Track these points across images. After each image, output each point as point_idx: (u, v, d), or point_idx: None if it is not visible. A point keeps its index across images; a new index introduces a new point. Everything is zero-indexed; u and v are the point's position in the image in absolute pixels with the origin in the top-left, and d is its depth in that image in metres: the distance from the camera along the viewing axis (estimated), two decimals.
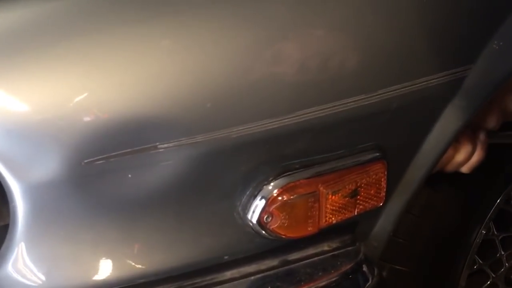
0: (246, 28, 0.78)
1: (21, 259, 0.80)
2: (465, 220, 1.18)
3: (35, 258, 0.81)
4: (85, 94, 0.72)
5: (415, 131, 0.95)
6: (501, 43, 0.93)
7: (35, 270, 0.81)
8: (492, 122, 1.02)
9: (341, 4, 0.82)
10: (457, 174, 1.10)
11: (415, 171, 0.97)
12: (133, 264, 0.85)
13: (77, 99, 0.72)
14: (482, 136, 1.02)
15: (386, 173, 0.92)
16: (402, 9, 0.86)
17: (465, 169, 1.05)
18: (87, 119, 0.73)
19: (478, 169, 1.14)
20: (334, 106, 0.84)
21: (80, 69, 0.73)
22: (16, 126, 0.72)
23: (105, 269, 0.83)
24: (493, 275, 1.33)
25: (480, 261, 1.30)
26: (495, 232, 1.30)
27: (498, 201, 1.20)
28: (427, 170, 0.97)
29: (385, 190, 0.93)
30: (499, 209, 1.22)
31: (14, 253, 0.80)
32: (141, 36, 0.75)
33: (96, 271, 0.83)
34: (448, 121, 0.95)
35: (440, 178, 1.07)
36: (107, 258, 0.83)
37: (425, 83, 0.89)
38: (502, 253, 1.32)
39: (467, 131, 1.05)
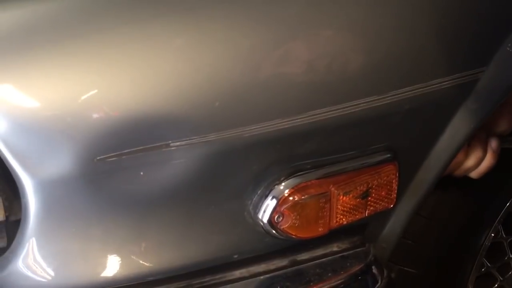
0: (258, 28, 0.78)
1: (32, 254, 0.81)
2: (474, 223, 1.18)
3: (45, 254, 0.81)
4: (98, 92, 0.73)
5: (427, 133, 0.95)
6: None
7: (45, 265, 0.81)
8: (504, 125, 1.01)
9: (352, 4, 0.82)
10: (466, 177, 1.10)
11: (426, 173, 0.97)
12: (142, 261, 0.85)
13: (90, 96, 0.73)
14: (494, 143, 1.01)
15: (397, 174, 0.91)
16: (414, 11, 0.86)
17: (474, 174, 1.04)
18: (99, 116, 0.73)
19: (488, 173, 1.14)
20: (346, 106, 0.84)
21: (93, 66, 0.73)
22: (29, 122, 0.72)
23: (114, 266, 0.83)
24: (501, 278, 1.32)
25: (488, 264, 1.30)
26: (504, 235, 1.29)
27: (507, 204, 1.19)
28: (438, 172, 0.97)
29: (396, 192, 0.93)
30: (508, 212, 1.22)
31: (25, 249, 0.80)
32: (152, 35, 0.75)
33: (105, 268, 0.84)
34: (460, 123, 0.94)
35: (449, 181, 1.07)
36: (116, 255, 0.83)
37: (437, 85, 0.89)
38: (511, 256, 1.32)
39: (480, 136, 1.04)
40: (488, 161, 1.01)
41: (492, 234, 1.21)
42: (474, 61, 0.92)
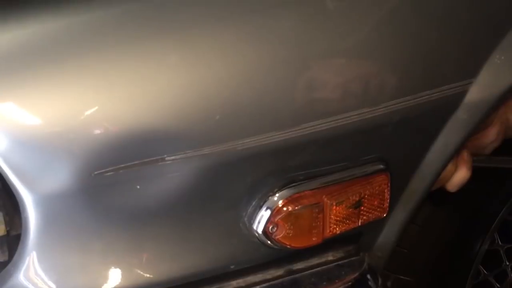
0: (250, 44, 0.80)
1: (33, 268, 0.82)
2: (469, 231, 1.19)
3: (46, 267, 0.83)
4: (95, 108, 0.75)
5: (418, 143, 0.96)
6: (502, 57, 0.95)
7: (45, 278, 0.83)
8: (492, 136, 1.02)
9: (342, 20, 0.84)
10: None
11: (418, 183, 0.99)
12: (141, 273, 0.86)
13: (87, 112, 0.74)
14: (465, 155, 1.02)
15: (389, 184, 0.93)
16: (403, 25, 0.87)
17: (450, 187, 1.04)
18: (97, 131, 0.75)
19: (482, 179, 1.16)
20: (338, 119, 0.85)
21: (90, 84, 0.75)
22: (28, 138, 0.74)
23: (113, 278, 0.85)
24: (498, 286, 1.34)
25: (485, 272, 1.31)
26: (500, 243, 1.31)
27: (501, 212, 1.21)
28: (430, 181, 0.99)
29: (388, 201, 0.94)
30: (503, 220, 1.23)
31: (26, 262, 0.82)
32: (149, 52, 0.77)
33: (105, 280, 0.85)
34: (451, 134, 0.96)
35: (443, 190, 1.08)
36: (115, 267, 0.85)
37: (427, 96, 0.90)
38: (507, 263, 1.33)
39: None
40: (461, 172, 1.01)
41: (488, 242, 1.22)
42: (463, 73, 0.94)
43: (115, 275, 0.85)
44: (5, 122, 0.74)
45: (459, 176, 1.01)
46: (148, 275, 0.87)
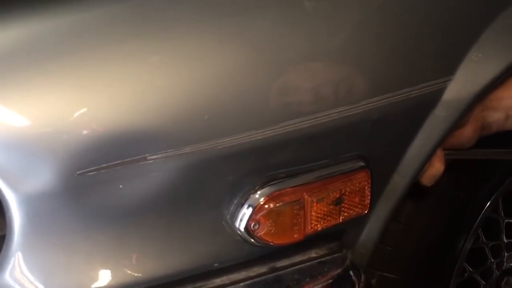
0: (230, 44, 0.82)
1: (18, 268, 0.83)
2: (452, 228, 1.20)
3: (31, 267, 0.84)
4: (77, 109, 0.76)
5: (398, 140, 0.98)
6: (480, 55, 0.96)
7: (32, 278, 0.84)
8: (468, 134, 1.04)
9: (322, 20, 0.86)
10: (443, 182, 1.12)
11: (399, 180, 1.00)
12: (126, 272, 0.87)
13: (69, 113, 0.76)
14: (437, 150, 1.03)
15: (369, 181, 0.94)
16: (381, 24, 0.89)
17: (425, 181, 1.05)
18: (79, 132, 0.76)
19: (465, 176, 1.17)
20: (318, 117, 0.87)
21: (72, 84, 0.76)
22: (12, 139, 0.76)
23: (98, 277, 0.86)
24: (484, 283, 1.35)
25: (470, 269, 1.32)
26: (484, 240, 1.32)
27: (484, 209, 1.22)
28: (411, 178, 1.00)
29: (369, 198, 0.95)
30: (486, 217, 1.24)
31: (11, 262, 0.83)
32: (130, 52, 0.78)
33: (90, 279, 0.86)
34: (430, 131, 0.97)
35: (426, 186, 1.09)
36: (100, 266, 0.86)
37: (405, 94, 0.92)
38: (492, 261, 1.34)
39: None
40: (434, 166, 1.03)
41: (472, 239, 1.24)
42: (441, 71, 0.95)
43: (99, 274, 0.86)
44: None
45: (434, 170, 1.03)
46: (132, 274, 0.88)
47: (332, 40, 0.86)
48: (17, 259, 0.83)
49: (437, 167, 1.02)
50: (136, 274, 0.88)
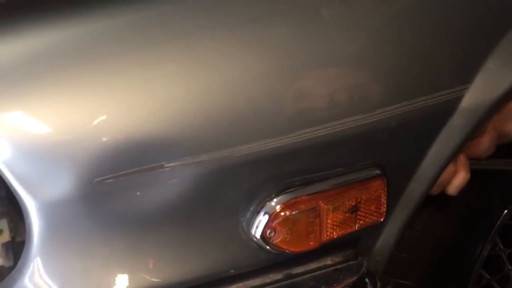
0: (247, 52, 0.82)
1: (37, 273, 0.84)
2: (469, 235, 1.20)
3: (50, 273, 0.84)
4: (97, 116, 0.77)
5: (414, 149, 0.98)
6: (497, 63, 0.96)
7: (50, 283, 0.85)
8: (487, 143, 1.04)
9: (338, 28, 0.86)
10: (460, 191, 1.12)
11: (416, 187, 1.00)
12: (142, 278, 0.88)
13: (88, 121, 0.77)
14: (462, 158, 1.03)
15: (386, 189, 0.94)
16: (398, 32, 0.89)
17: (450, 190, 1.05)
18: (97, 139, 0.77)
19: (480, 184, 1.17)
20: (334, 125, 0.87)
21: (91, 93, 0.77)
22: (31, 147, 0.77)
23: (115, 282, 0.87)
24: None
25: (487, 276, 1.32)
26: (502, 247, 1.31)
27: (502, 216, 1.22)
28: (427, 186, 1.00)
29: (385, 206, 0.95)
30: (503, 225, 1.24)
31: (30, 268, 0.84)
32: (148, 61, 0.79)
33: (107, 284, 0.87)
34: (447, 139, 0.97)
35: (442, 194, 1.09)
36: (117, 272, 0.87)
37: (422, 102, 0.92)
38: (510, 267, 1.34)
39: None
40: (460, 175, 1.03)
41: (489, 246, 1.23)
42: (458, 79, 0.95)
43: (117, 279, 0.87)
44: (9, 131, 0.76)
45: (459, 178, 1.03)
46: (149, 280, 0.89)
47: (349, 48, 0.87)
48: (36, 264, 0.84)
49: (463, 176, 1.02)
50: (153, 280, 0.89)
